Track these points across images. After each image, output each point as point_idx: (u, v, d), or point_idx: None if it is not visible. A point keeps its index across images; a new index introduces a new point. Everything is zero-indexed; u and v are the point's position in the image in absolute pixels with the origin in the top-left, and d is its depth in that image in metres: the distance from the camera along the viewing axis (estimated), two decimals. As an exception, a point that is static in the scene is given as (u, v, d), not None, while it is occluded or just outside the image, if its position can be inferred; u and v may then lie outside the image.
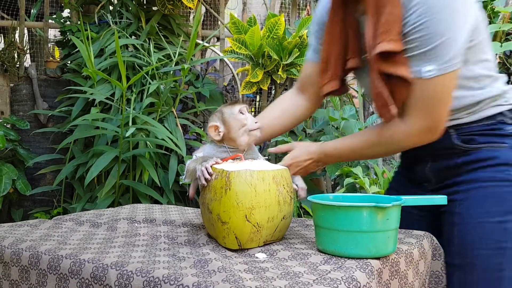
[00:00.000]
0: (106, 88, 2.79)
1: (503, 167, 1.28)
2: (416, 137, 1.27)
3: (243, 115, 1.32)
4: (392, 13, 1.17)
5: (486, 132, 1.29)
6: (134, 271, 1.04)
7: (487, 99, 1.28)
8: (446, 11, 1.13)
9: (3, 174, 2.93)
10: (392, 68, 1.20)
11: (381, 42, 1.18)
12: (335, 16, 1.35)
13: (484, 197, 1.28)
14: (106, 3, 3.19)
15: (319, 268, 1.02)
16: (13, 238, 1.33)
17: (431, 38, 1.14)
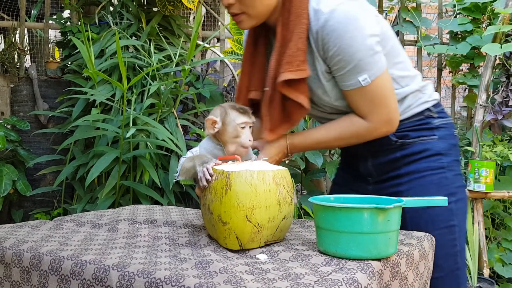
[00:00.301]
0: (106, 89, 2.79)
1: (436, 156, 1.47)
2: (378, 131, 1.42)
3: (243, 129, 1.35)
4: (295, 47, 1.35)
5: (417, 127, 1.48)
6: (135, 272, 1.04)
7: (409, 94, 1.47)
8: (353, 32, 1.30)
9: (4, 175, 2.93)
10: (293, 95, 1.38)
11: (284, 72, 1.35)
12: (248, 52, 1.52)
13: (425, 185, 1.46)
14: (107, 4, 3.20)
15: (320, 270, 1.02)
16: (14, 239, 1.33)
17: (351, 56, 1.31)
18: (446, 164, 1.48)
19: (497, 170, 3.00)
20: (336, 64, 1.35)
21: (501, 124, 2.97)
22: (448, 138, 1.51)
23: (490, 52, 2.83)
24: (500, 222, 3.11)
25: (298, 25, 1.34)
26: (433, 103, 1.51)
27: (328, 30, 1.31)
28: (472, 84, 3.41)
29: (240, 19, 1.37)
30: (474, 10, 3.38)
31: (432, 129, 1.49)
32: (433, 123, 1.50)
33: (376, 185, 1.56)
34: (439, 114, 1.52)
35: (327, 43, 1.32)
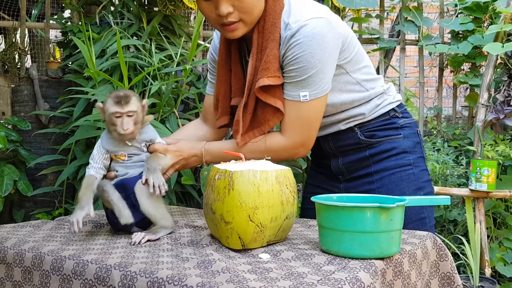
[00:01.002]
0: (107, 88, 2.78)
1: (403, 154, 1.55)
2: (291, 151, 1.48)
3: (118, 118, 1.36)
4: (271, 54, 1.39)
5: (384, 127, 1.56)
6: (137, 271, 1.04)
7: (375, 96, 1.55)
8: (315, 47, 1.35)
9: (5, 175, 2.92)
10: (271, 100, 1.42)
11: (261, 78, 1.39)
12: (222, 60, 1.55)
13: (396, 182, 1.53)
14: (107, 3, 3.19)
15: (323, 269, 1.02)
16: (16, 239, 1.33)
17: (305, 69, 1.37)
18: (412, 161, 1.56)
19: (498, 170, 2.99)
20: (288, 72, 1.41)
21: (503, 124, 2.96)
22: (412, 137, 1.59)
23: (492, 52, 2.82)
24: (501, 222, 3.10)
25: (272, 33, 1.40)
26: (397, 104, 1.60)
27: (292, 41, 1.37)
28: (473, 83, 3.41)
29: (237, 27, 1.40)
30: (475, 10, 3.37)
31: (397, 128, 1.57)
32: (398, 123, 1.58)
33: (348, 183, 1.62)
34: (403, 114, 1.60)
35: (288, 51, 1.38)
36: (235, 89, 1.54)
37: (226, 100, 1.57)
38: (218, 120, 1.60)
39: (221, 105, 1.58)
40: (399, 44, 3.65)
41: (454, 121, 3.82)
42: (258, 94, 1.42)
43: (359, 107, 1.54)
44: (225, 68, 1.55)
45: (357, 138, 1.56)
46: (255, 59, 1.44)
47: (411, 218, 1.49)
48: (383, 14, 3.62)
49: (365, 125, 1.56)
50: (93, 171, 1.42)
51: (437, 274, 1.28)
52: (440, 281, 1.28)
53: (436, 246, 1.29)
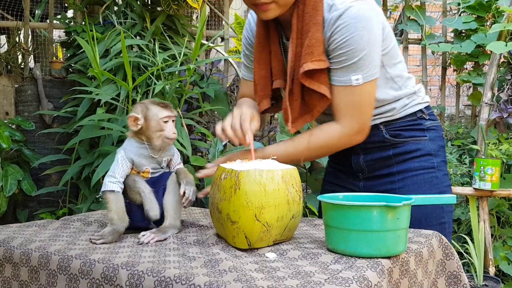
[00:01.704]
0: (111, 88, 2.78)
1: (427, 156, 1.53)
2: (348, 138, 1.44)
3: (165, 123, 1.38)
4: (314, 37, 1.36)
5: (410, 127, 1.53)
6: (145, 271, 1.04)
7: (405, 96, 1.52)
8: (363, 30, 1.33)
9: (9, 175, 2.93)
10: (315, 86, 1.38)
11: (306, 62, 1.36)
12: (261, 42, 1.52)
13: (418, 183, 1.51)
14: (111, 3, 3.19)
15: (330, 268, 1.02)
16: (22, 239, 1.33)
17: (354, 52, 1.34)
18: (436, 164, 1.54)
19: (502, 168, 2.99)
20: (336, 57, 1.37)
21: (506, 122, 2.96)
22: (437, 140, 1.57)
23: (495, 50, 2.82)
24: (505, 220, 3.10)
25: (314, 17, 1.36)
26: (425, 105, 1.57)
27: (339, 23, 1.33)
28: (476, 82, 3.41)
29: (269, 7, 1.36)
30: (478, 8, 3.37)
31: (423, 130, 1.55)
32: (424, 125, 1.55)
33: (367, 181, 1.60)
34: (429, 116, 1.58)
35: (334, 35, 1.35)
36: (275, 71, 1.51)
37: (267, 83, 1.53)
38: (260, 105, 1.55)
39: (261, 89, 1.54)
40: (402, 43, 3.65)
41: (457, 120, 3.82)
42: (302, 79, 1.39)
43: (388, 105, 1.51)
44: (265, 50, 1.52)
45: (382, 136, 1.53)
46: (295, 44, 1.41)
47: (432, 222, 1.49)
48: (386, 13, 3.61)
49: (392, 123, 1.53)
50: (117, 187, 1.36)
51: (443, 273, 1.28)
52: (446, 280, 1.28)
53: (442, 245, 1.29)
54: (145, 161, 1.41)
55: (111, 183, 1.36)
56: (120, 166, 1.38)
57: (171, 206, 1.38)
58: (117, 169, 1.37)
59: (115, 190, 1.35)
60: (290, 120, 1.44)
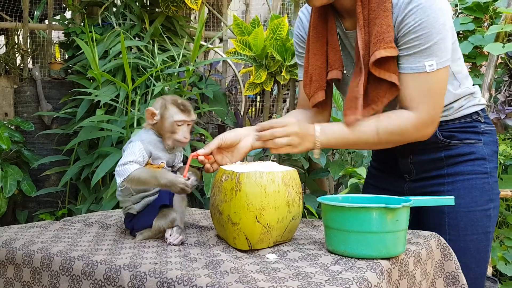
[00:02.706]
0: (110, 89, 2.79)
1: (481, 161, 1.46)
2: (422, 129, 1.35)
3: (179, 126, 1.36)
4: (384, 24, 1.30)
5: (465, 129, 1.46)
6: (147, 272, 1.05)
7: (463, 96, 1.45)
8: (438, 12, 1.27)
9: (8, 176, 2.94)
10: (386, 75, 1.32)
11: (377, 50, 1.30)
12: (318, 32, 1.47)
13: (469, 188, 1.44)
14: (110, 5, 3.20)
15: (330, 269, 1.03)
16: (24, 240, 1.34)
17: (429, 36, 1.27)
18: (489, 170, 1.47)
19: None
20: (409, 42, 1.30)
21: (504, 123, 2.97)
22: (492, 145, 1.50)
23: (493, 52, 2.83)
24: (503, 221, 3.12)
25: (383, 3, 1.31)
26: (482, 107, 1.50)
27: (412, 6, 1.28)
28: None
29: None
30: (476, 10, 3.38)
31: (478, 133, 1.47)
32: (479, 128, 1.48)
33: (413, 183, 1.54)
34: (485, 119, 1.50)
35: (407, 18, 1.29)
36: (332, 61, 1.45)
37: (322, 73, 1.47)
38: (313, 97, 1.49)
39: (316, 79, 1.47)
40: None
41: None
42: (372, 69, 1.32)
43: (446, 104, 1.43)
44: (322, 41, 1.46)
45: (435, 137, 1.43)
46: (363, 33, 1.34)
47: (477, 230, 1.43)
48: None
49: (446, 124, 1.45)
50: (138, 166, 1.34)
51: (442, 274, 1.29)
52: (445, 280, 1.29)
53: (440, 246, 1.31)
54: (162, 154, 1.40)
55: (133, 163, 1.33)
56: (139, 153, 1.35)
57: (180, 209, 1.38)
58: (136, 154, 1.35)
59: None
60: (359, 108, 1.35)
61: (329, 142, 1.37)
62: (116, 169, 1.35)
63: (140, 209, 1.39)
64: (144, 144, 1.37)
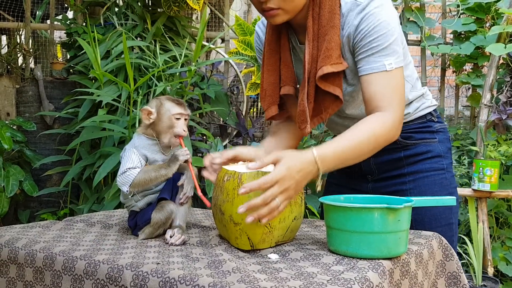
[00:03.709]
0: (112, 89, 2.80)
1: (437, 158, 1.55)
2: (395, 129, 1.34)
3: (177, 120, 1.39)
4: (333, 40, 1.36)
5: (420, 130, 1.55)
6: (149, 271, 1.05)
7: (416, 98, 1.54)
8: (388, 16, 1.34)
9: (10, 175, 2.94)
10: (330, 88, 1.38)
11: (325, 65, 1.35)
12: (271, 49, 1.51)
13: (429, 184, 1.53)
14: (112, 5, 3.21)
15: (332, 269, 1.04)
16: (26, 240, 1.34)
17: (385, 37, 1.33)
18: (445, 166, 1.56)
19: (501, 170, 3.01)
20: (366, 45, 1.35)
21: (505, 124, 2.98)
22: (446, 142, 1.59)
23: (495, 52, 2.84)
24: (504, 221, 3.12)
25: (331, 20, 1.36)
26: (434, 108, 1.60)
27: (365, 13, 1.34)
28: (475, 83, 3.42)
29: (276, 13, 1.36)
30: (477, 10, 3.39)
31: (433, 132, 1.57)
32: (434, 127, 1.57)
33: (376, 183, 1.60)
34: (437, 118, 1.60)
35: (361, 25, 1.34)
36: (285, 78, 1.50)
37: (276, 89, 1.52)
38: (267, 111, 1.54)
39: (270, 95, 1.53)
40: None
41: (456, 121, 3.84)
42: (318, 82, 1.38)
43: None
44: (275, 57, 1.51)
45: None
46: (311, 47, 1.40)
47: (441, 222, 1.51)
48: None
49: (404, 125, 1.48)
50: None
51: (443, 274, 1.29)
52: (446, 280, 1.29)
53: (442, 246, 1.31)
54: (158, 156, 1.42)
55: (132, 169, 1.36)
56: (135, 159, 1.38)
57: (182, 208, 1.39)
58: (134, 161, 1.37)
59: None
60: (308, 121, 1.41)
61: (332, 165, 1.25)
62: (117, 179, 1.38)
63: (143, 206, 1.41)
64: (139, 150, 1.39)
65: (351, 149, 1.26)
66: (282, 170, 1.10)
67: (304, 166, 1.15)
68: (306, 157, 1.16)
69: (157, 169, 1.36)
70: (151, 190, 1.41)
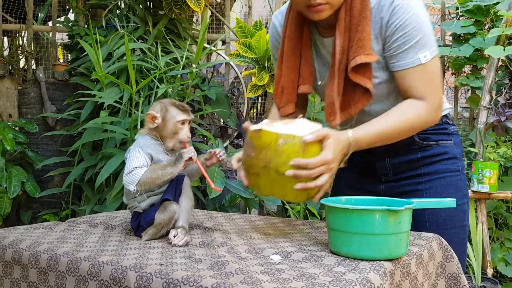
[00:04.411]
0: (114, 91, 2.82)
1: (453, 160, 1.55)
2: (433, 114, 1.40)
3: (182, 125, 1.42)
4: (365, 31, 1.36)
5: (437, 132, 1.54)
6: (153, 273, 1.07)
7: None
8: (418, 8, 1.35)
9: (13, 177, 2.96)
10: (361, 80, 1.37)
11: (358, 55, 1.35)
12: (292, 46, 1.50)
13: (445, 185, 1.52)
14: (114, 7, 3.22)
15: (334, 270, 1.05)
16: (30, 241, 1.35)
17: (417, 29, 1.34)
18: (460, 168, 1.56)
19: (500, 171, 3.03)
20: (399, 39, 1.35)
21: (504, 126, 2.99)
22: (459, 145, 1.60)
23: (494, 55, 2.85)
24: (503, 222, 3.14)
25: (363, 11, 1.37)
26: (449, 111, 1.60)
27: (394, 6, 1.34)
28: (474, 85, 3.44)
29: (323, 8, 1.36)
30: (477, 13, 3.40)
31: (449, 134, 1.56)
32: (449, 129, 1.57)
33: (389, 183, 1.59)
34: (451, 121, 1.60)
35: (392, 18, 1.35)
36: (304, 76, 1.50)
37: (294, 87, 1.51)
38: (283, 109, 1.53)
39: (288, 92, 1.52)
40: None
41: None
42: (350, 73, 1.38)
43: None
44: (295, 54, 1.50)
45: (412, 139, 1.51)
46: (342, 38, 1.39)
47: (455, 224, 1.52)
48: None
49: None
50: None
51: (443, 275, 1.31)
52: (446, 281, 1.31)
53: (442, 247, 1.32)
54: (162, 156, 1.43)
55: (139, 168, 1.38)
56: (142, 158, 1.39)
57: (185, 209, 1.41)
58: (140, 160, 1.39)
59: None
60: (338, 113, 1.41)
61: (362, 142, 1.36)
62: (124, 179, 1.39)
63: (146, 207, 1.42)
64: (144, 149, 1.41)
65: (384, 134, 1.37)
66: (329, 154, 1.25)
67: (344, 148, 1.31)
68: (344, 139, 1.31)
69: (164, 167, 1.38)
70: (154, 191, 1.43)
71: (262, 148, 1.26)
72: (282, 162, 1.23)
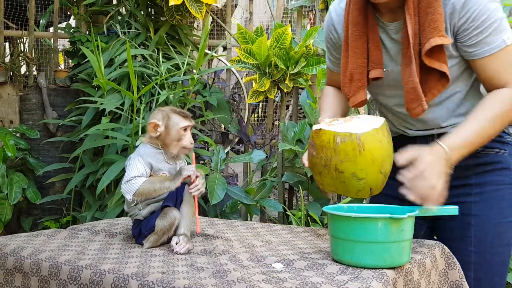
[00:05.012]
0: (115, 98, 2.82)
1: (507, 171, 1.44)
2: None
3: (185, 131, 1.43)
4: (437, 12, 1.29)
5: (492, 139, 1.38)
6: (155, 281, 1.06)
7: None
8: None
9: (14, 183, 2.95)
10: (436, 64, 1.31)
11: (432, 37, 1.29)
12: (358, 30, 1.42)
13: (498, 199, 1.42)
14: (115, 13, 3.23)
15: (336, 279, 1.04)
16: (32, 249, 1.35)
17: (495, 13, 1.29)
18: None
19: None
20: (481, 25, 1.30)
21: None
22: None
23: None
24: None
25: None
26: None
27: None
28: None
29: None
30: (478, 18, 3.39)
31: (504, 143, 1.46)
32: (504, 137, 1.46)
33: None
34: (507, 130, 1.49)
35: (466, 6, 1.30)
36: (375, 59, 1.42)
37: (364, 72, 1.44)
38: (354, 97, 1.46)
39: (357, 78, 1.44)
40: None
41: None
42: (424, 58, 1.31)
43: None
44: (362, 39, 1.42)
45: None
46: (413, 22, 1.32)
47: (503, 242, 1.42)
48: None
49: None
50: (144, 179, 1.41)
51: (446, 283, 1.30)
52: (449, 289, 1.30)
53: (444, 255, 1.32)
54: (162, 165, 1.44)
55: (138, 177, 1.38)
56: (141, 168, 1.40)
57: (187, 217, 1.41)
58: (139, 169, 1.40)
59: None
60: (422, 98, 1.33)
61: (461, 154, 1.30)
62: (122, 187, 1.40)
63: (147, 214, 1.42)
64: (144, 158, 1.42)
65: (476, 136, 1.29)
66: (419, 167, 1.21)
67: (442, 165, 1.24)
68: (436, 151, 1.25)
69: (162, 181, 1.38)
70: (154, 199, 1.43)
71: (322, 147, 1.29)
72: (340, 160, 1.25)
